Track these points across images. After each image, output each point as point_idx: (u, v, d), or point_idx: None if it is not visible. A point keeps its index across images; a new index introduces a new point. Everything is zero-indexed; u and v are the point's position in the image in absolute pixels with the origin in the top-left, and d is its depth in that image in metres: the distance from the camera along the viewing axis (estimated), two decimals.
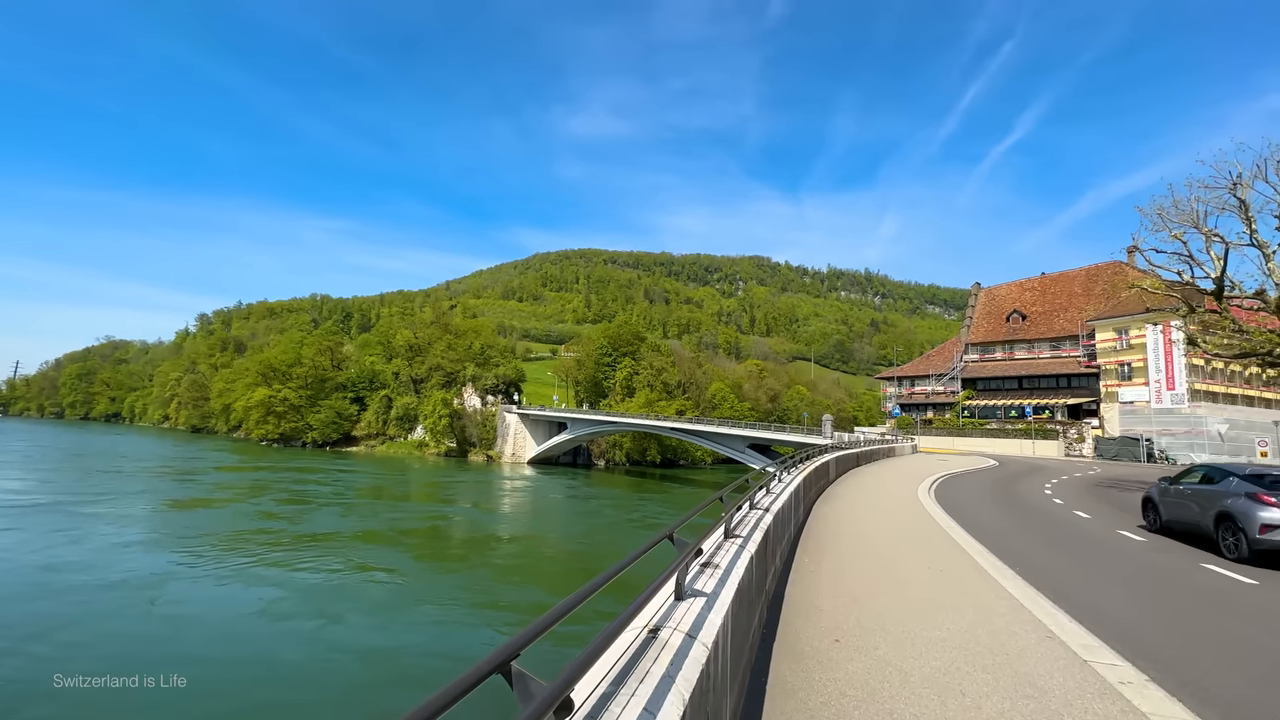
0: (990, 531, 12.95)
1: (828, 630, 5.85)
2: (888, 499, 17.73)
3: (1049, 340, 59.33)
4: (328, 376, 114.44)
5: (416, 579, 24.09)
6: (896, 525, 12.82)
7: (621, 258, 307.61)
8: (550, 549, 32.62)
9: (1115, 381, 52.58)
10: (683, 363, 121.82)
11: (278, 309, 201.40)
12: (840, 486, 20.57)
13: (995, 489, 23.13)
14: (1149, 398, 49.77)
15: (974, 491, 21.78)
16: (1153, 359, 49.69)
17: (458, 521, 40.51)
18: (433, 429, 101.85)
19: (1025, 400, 57.15)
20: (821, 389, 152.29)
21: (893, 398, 69.78)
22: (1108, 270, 59.14)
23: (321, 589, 21.52)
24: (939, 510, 15.54)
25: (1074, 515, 16.56)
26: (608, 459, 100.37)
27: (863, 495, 18.47)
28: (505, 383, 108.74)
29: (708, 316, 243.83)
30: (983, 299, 67.45)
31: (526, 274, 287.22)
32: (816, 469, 17.22)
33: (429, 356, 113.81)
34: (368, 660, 15.52)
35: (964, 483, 24.82)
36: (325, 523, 34.85)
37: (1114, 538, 13.16)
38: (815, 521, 12.74)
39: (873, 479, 24.12)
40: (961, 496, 19.80)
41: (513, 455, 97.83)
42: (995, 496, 20.64)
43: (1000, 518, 15.51)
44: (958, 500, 18.57)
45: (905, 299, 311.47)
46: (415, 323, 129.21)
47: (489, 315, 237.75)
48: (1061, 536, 13.11)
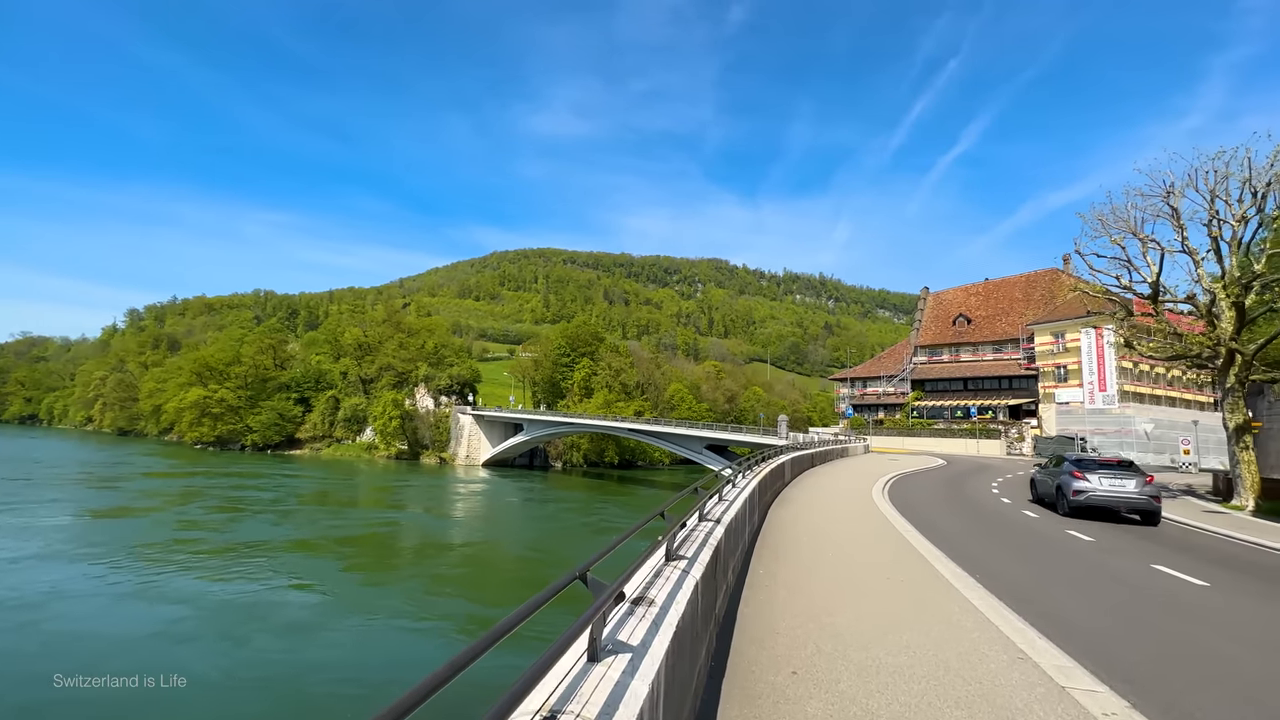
0: (945, 534, 12.68)
1: (784, 658, 5.17)
2: (843, 501, 17.43)
3: (992, 343, 61.49)
4: (270, 376, 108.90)
5: (343, 591, 22.43)
6: (853, 529, 12.40)
7: (581, 258, 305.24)
8: (497, 556, 31.33)
9: (1052, 383, 54.80)
10: (641, 364, 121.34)
11: (217, 305, 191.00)
12: (796, 489, 20.23)
13: (945, 489, 23.30)
14: (1083, 399, 52.04)
15: (925, 492, 21.83)
16: (1086, 362, 51.99)
17: (401, 528, 38.63)
18: (382, 431, 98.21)
19: (970, 401, 58.98)
20: (777, 390, 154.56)
21: (846, 398, 71.02)
22: (1045, 277, 61.73)
23: (230, 605, 19.65)
24: (894, 512, 15.28)
25: (1022, 515, 16.62)
26: (565, 460, 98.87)
27: (818, 497, 18.13)
28: (460, 383, 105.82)
29: (667, 318, 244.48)
30: (931, 303, 69.43)
31: (484, 273, 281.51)
32: (772, 471, 16.76)
33: (379, 356, 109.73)
34: (261, 688, 13.91)
35: (915, 483, 24.96)
36: (255, 531, 32.52)
37: (1064, 538, 13.11)
38: (771, 527, 12.18)
39: (828, 480, 23.96)
40: (914, 497, 19.75)
41: (467, 457, 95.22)
42: (946, 496, 20.70)
43: (953, 519, 15.37)
44: (911, 501, 18.46)
45: (857, 303, 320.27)
46: (365, 320, 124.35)
47: (444, 314, 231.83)
48: (1014, 537, 12.96)
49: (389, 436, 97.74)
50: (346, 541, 31.57)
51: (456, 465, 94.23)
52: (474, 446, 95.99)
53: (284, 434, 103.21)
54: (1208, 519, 17.13)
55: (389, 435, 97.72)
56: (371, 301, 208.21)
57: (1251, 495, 19.26)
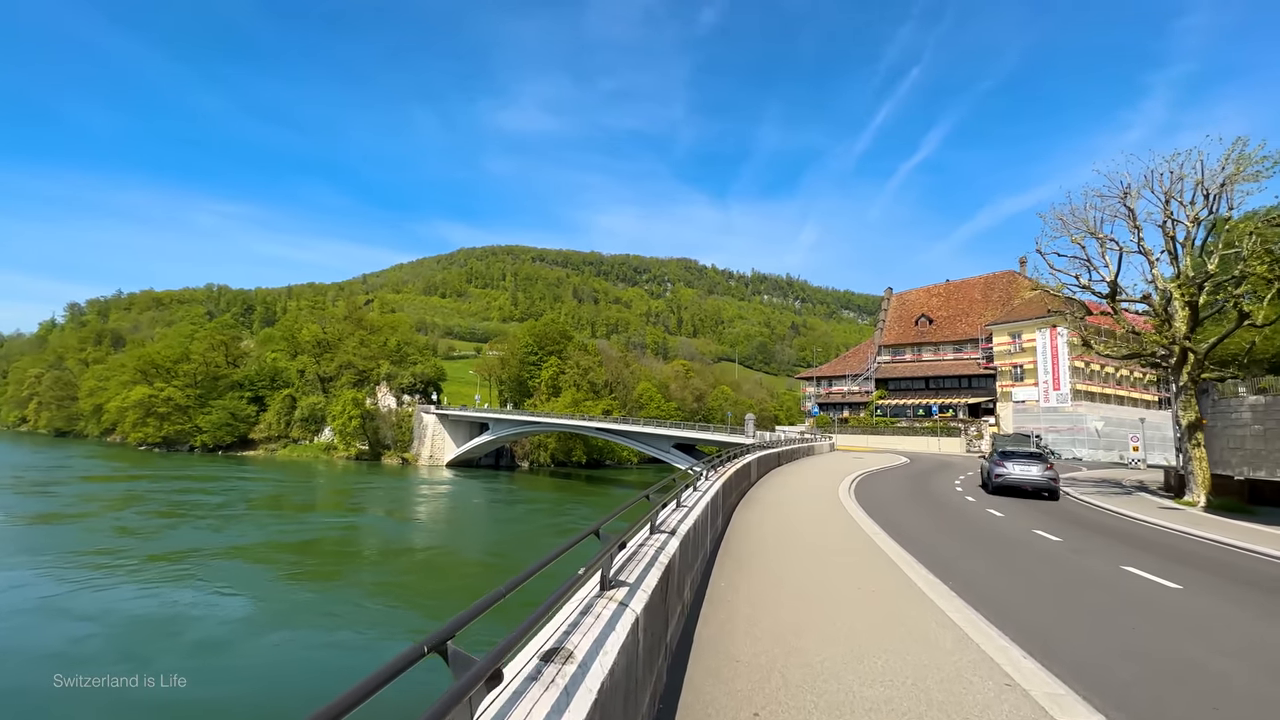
0: (914, 536, 12.24)
1: (745, 695, 4.44)
2: (810, 502, 16.95)
3: (952, 343, 62.65)
4: (221, 374, 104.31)
5: (274, 602, 20.86)
6: (821, 533, 11.84)
7: (550, 255, 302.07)
8: (449, 562, 30.07)
9: (1010, 382, 56.07)
10: (610, 362, 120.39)
11: (166, 299, 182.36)
12: (762, 489, 19.71)
13: (911, 487, 23.15)
14: (1038, 397, 53.36)
15: (891, 491, 21.60)
16: (1041, 361, 53.32)
17: (351, 531, 36.89)
18: (342, 431, 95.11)
19: (932, 400, 59.95)
20: (745, 389, 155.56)
21: (811, 397, 71.51)
22: (1003, 279, 63.23)
23: (140, 621, 17.99)
24: (861, 513, 14.83)
25: (988, 514, 16.41)
26: (532, 460, 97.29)
27: (785, 498, 17.62)
28: (423, 382, 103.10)
29: (636, 317, 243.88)
30: (894, 303, 70.45)
31: (450, 269, 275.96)
32: (737, 471, 16.16)
33: (339, 353, 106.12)
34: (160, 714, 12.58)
35: (881, 482, 24.79)
36: (192, 538, 30.49)
37: (1031, 538, 12.83)
38: (735, 532, 11.53)
39: (795, 479, 23.57)
40: (880, 496, 19.45)
41: (430, 458, 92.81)
42: (913, 495, 20.48)
43: (921, 519, 15.02)
44: (878, 500, 18.13)
45: (823, 304, 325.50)
46: (325, 317, 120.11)
47: (409, 311, 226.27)
48: (982, 539, 12.61)
49: (348, 436, 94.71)
50: (291, 548, 29.84)
51: (419, 466, 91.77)
52: (438, 446, 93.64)
53: (236, 434, 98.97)
54: (1165, 515, 17.24)
55: (348, 435, 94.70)
56: (333, 298, 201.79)
57: (1203, 491, 19.55)
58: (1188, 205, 19.43)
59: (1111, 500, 20.63)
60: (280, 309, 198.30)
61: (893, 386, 64.11)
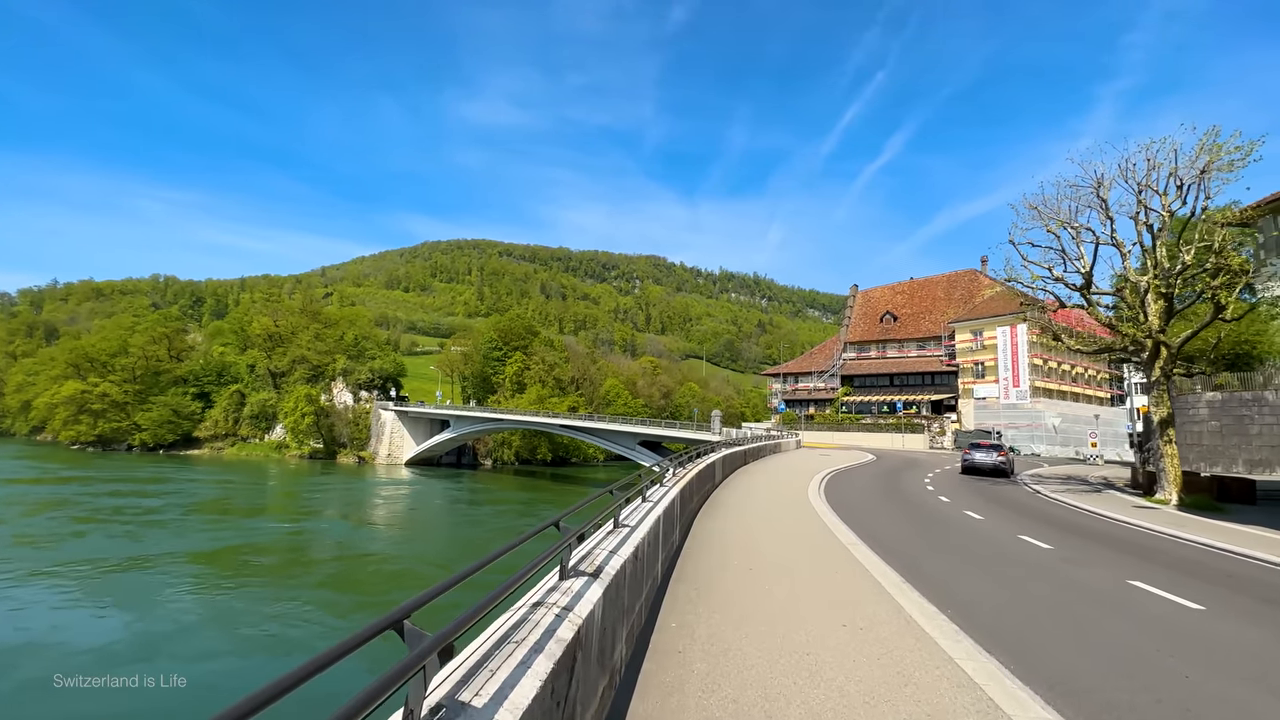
0: (897, 549, 10.88)
1: None
2: (779, 507, 15.52)
3: (916, 340, 62.79)
4: (164, 369, 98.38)
5: (177, 617, 18.42)
6: (792, 546, 10.35)
7: (517, 250, 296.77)
8: (402, 567, 27.85)
9: (971, 379, 56.35)
10: (577, 359, 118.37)
11: (107, 290, 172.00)
12: (727, 490, 18.25)
13: (883, 488, 22.07)
14: (999, 394, 53.70)
15: (863, 492, 20.43)
16: (1002, 358, 53.65)
17: (289, 536, 34.15)
18: (294, 428, 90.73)
19: (896, 396, 59.93)
20: (712, 386, 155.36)
21: (778, 394, 70.96)
22: (965, 277, 63.67)
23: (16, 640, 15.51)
24: (835, 519, 13.46)
25: (966, 517, 15.29)
26: (495, 458, 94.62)
27: (751, 503, 16.17)
28: (382, 377, 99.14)
29: (604, 313, 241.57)
30: (859, 300, 70.39)
31: (414, 263, 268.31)
32: (700, 473, 14.62)
33: (292, 347, 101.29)
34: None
35: (851, 481, 23.68)
36: (105, 547, 27.40)
37: (1019, 546, 11.64)
38: (695, 547, 9.95)
39: (761, 479, 22.22)
40: (853, 498, 18.24)
41: (388, 456, 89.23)
42: (886, 497, 19.35)
43: (899, 526, 13.74)
44: (851, 504, 16.88)
45: (789, 302, 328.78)
46: (279, 309, 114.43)
47: (370, 305, 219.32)
48: (970, 550, 11.34)
49: (301, 434, 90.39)
50: (214, 556, 27.09)
51: (376, 464, 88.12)
52: (396, 444, 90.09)
53: (179, 432, 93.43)
54: (1143, 515, 16.43)
55: (301, 433, 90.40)
56: (289, 290, 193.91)
57: (1175, 489, 18.95)
58: (1163, 195, 18.72)
59: (1083, 499, 19.90)
60: (232, 301, 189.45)
61: (858, 383, 63.94)
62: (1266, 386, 29.52)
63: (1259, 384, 29.96)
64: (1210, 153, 18.57)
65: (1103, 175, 20.80)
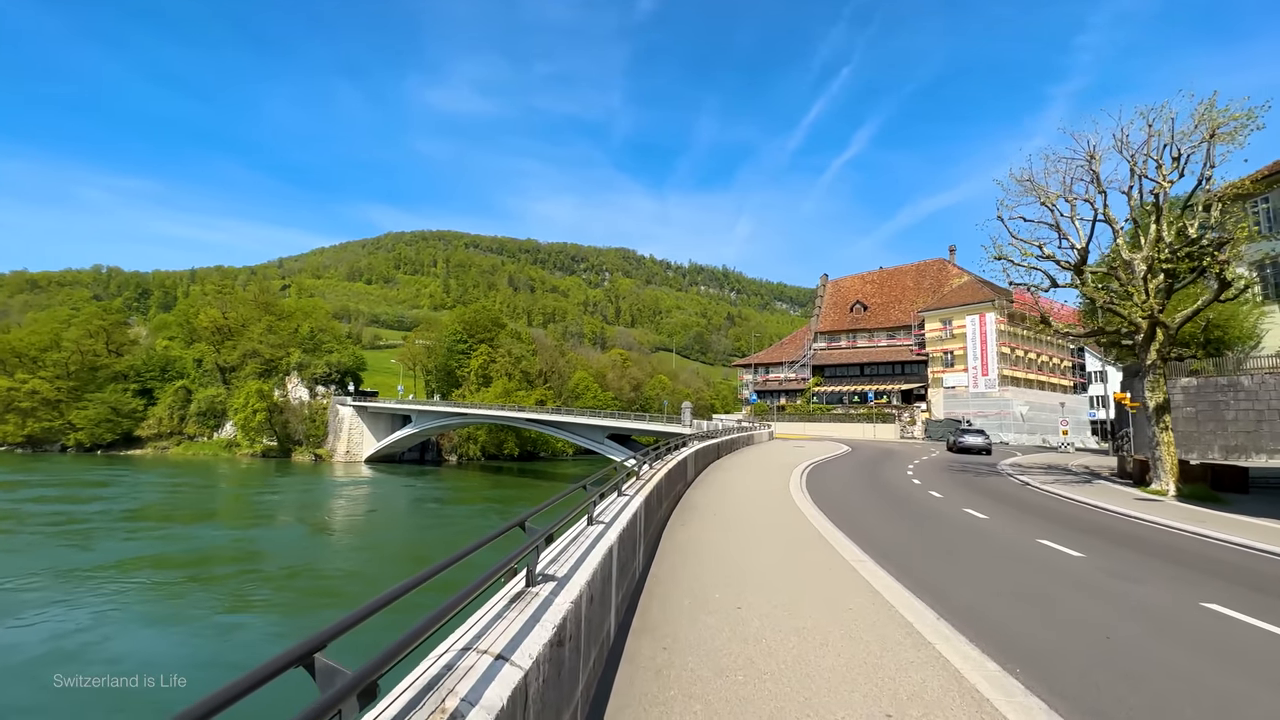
0: (907, 562, 8.99)
1: None
2: (760, 510, 13.56)
3: (886, 330, 62.10)
4: (101, 364, 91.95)
5: (88, 632, 15.57)
6: (787, 569, 8.33)
7: (484, 242, 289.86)
8: (351, 576, 25.14)
9: (940, 368, 55.84)
10: (545, 351, 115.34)
11: (43, 281, 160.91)
12: (700, 490, 16.25)
13: (868, 483, 20.40)
14: (967, 383, 53.26)
15: (849, 489, 18.70)
16: (971, 347, 53.19)
17: (225, 543, 30.92)
18: (244, 425, 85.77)
19: (866, 386, 59.12)
20: (682, 378, 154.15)
21: (749, 384, 69.63)
22: (934, 266, 63.22)
23: None
24: (827, 524, 11.55)
25: (969, 516, 13.61)
26: (460, 454, 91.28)
27: (729, 505, 14.17)
28: (340, 371, 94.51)
29: (573, 306, 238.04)
30: (830, 290, 69.42)
31: (377, 254, 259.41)
32: (671, 472, 12.55)
33: (243, 341, 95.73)
34: None
35: (832, 476, 21.98)
36: (8, 562, 23.90)
37: (1048, 555, 9.90)
38: (664, 568, 7.84)
39: (737, 475, 20.30)
40: (840, 495, 16.46)
41: (347, 454, 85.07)
42: (875, 492, 17.64)
43: (898, 527, 11.94)
44: (838, 501, 15.08)
45: (757, 295, 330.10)
46: (230, 300, 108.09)
47: (331, 297, 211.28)
48: (994, 561, 9.53)
49: (252, 432, 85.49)
50: (128, 565, 23.87)
51: (334, 462, 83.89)
52: (355, 441, 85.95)
53: (119, 432, 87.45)
54: (1154, 510, 15.05)
55: (252, 430, 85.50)
56: (243, 282, 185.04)
57: (1172, 479, 17.76)
58: (1161, 164, 17.36)
59: (1077, 490, 18.59)
60: (181, 294, 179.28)
61: (829, 373, 62.96)
62: (1240, 372, 29.29)
63: (1231, 369, 29.71)
64: (1209, 120, 17.29)
65: (1095, 147, 19.43)
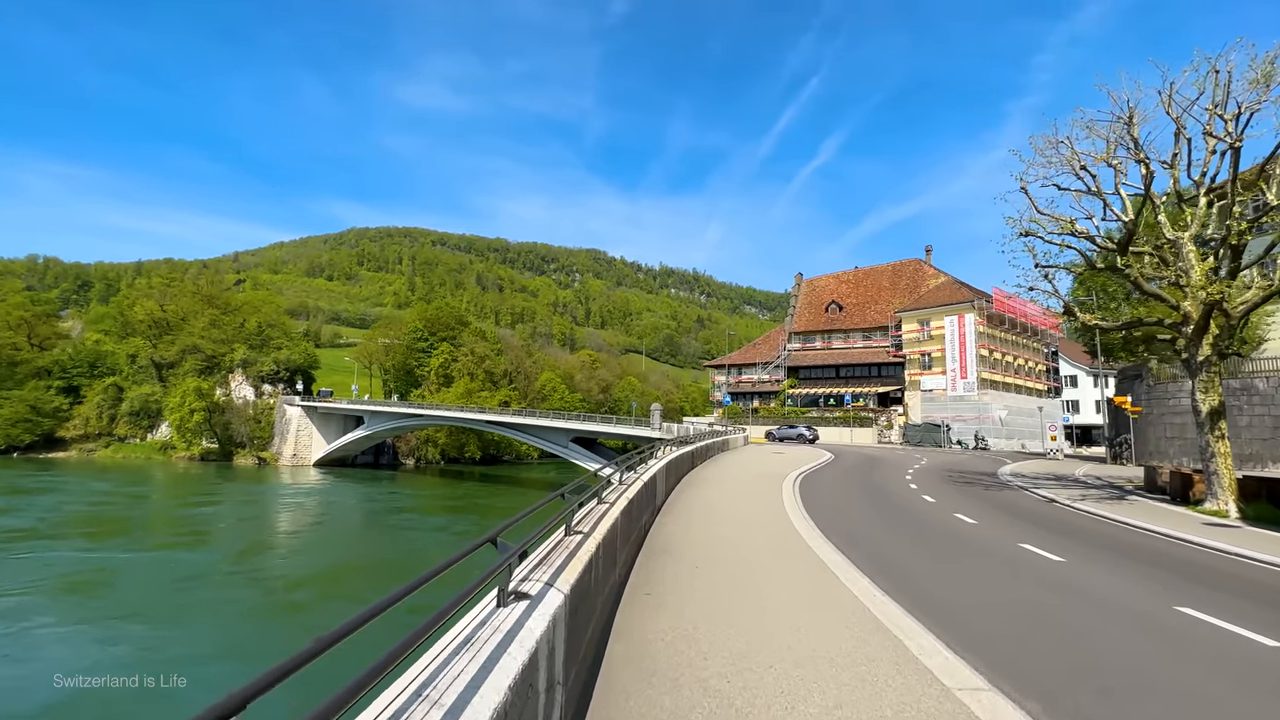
0: (974, 632, 5.36)
1: None
2: (760, 550, 9.82)
3: (862, 330, 59.63)
4: (22, 358, 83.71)
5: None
6: (801, 648, 4.60)
7: (452, 240, 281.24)
8: (277, 608, 20.49)
9: (918, 370, 53.51)
10: (511, 351, 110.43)
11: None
12: (673, 517, 12.47)
13: (869, 498, 16.93)
14: (946, 386, 51.00)
15: (854, 508, 15.17)
16: (950, 349, 50.97)
17: (128, 564, 25.78)
18: (181, 426, 78.77)
19: (842, 389, 56.47)
20: (652, 381, 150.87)
21: (721, 386, 66.40)
22: (910, 266, 61.13)
23: None
24: (849, 569, 7.90)
25: (1038, 558, 10.18)
26: (419, 457, 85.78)
27: (715, 542, 10.42)
28: (289, 369, 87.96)
29: (543, 306, 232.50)
30: (805, 289, 66.78)
31: (340, 250, 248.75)
32: (636, 498, 8.74)
33: (182, 335, 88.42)
34: None
35: (828, 489, 18.48)
36: None
37: (1180, 621, 6.44)
38: (619, 655, 4.00)
39: (716, 493, 16.60)
40: (847, 520, 12.90)
41: (294, 457, 78.75)
42: (883, 513, 14.13)
43: (932, 566, 8.39)
44: (846, 528, 11.51)
45: (727, 299, 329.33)
46: (171, 293, 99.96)
47: (289, 293, 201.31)
48: (1093, 625, 5.99)
49: (190, 433, 78.59)
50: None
51: (280, 466, 77.53)
52: (303, 443, 79.66)
53: (39, 432, 79.49)
54: (1227, 537, 11.90)
55: (189, 431, 78.66)
56: (193, 275, 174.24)
57: (1232, 498, 14.78)
58: (1229, 121, 14.40)
59: (1119, 509, 15.46)
60: (126, 286, 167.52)
61: (803, 375, 60.15)
62: (1255, 374, 27.02)
63: (1246, 371, 27.45)
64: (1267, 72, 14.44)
65: (1134, 106, 16.46)
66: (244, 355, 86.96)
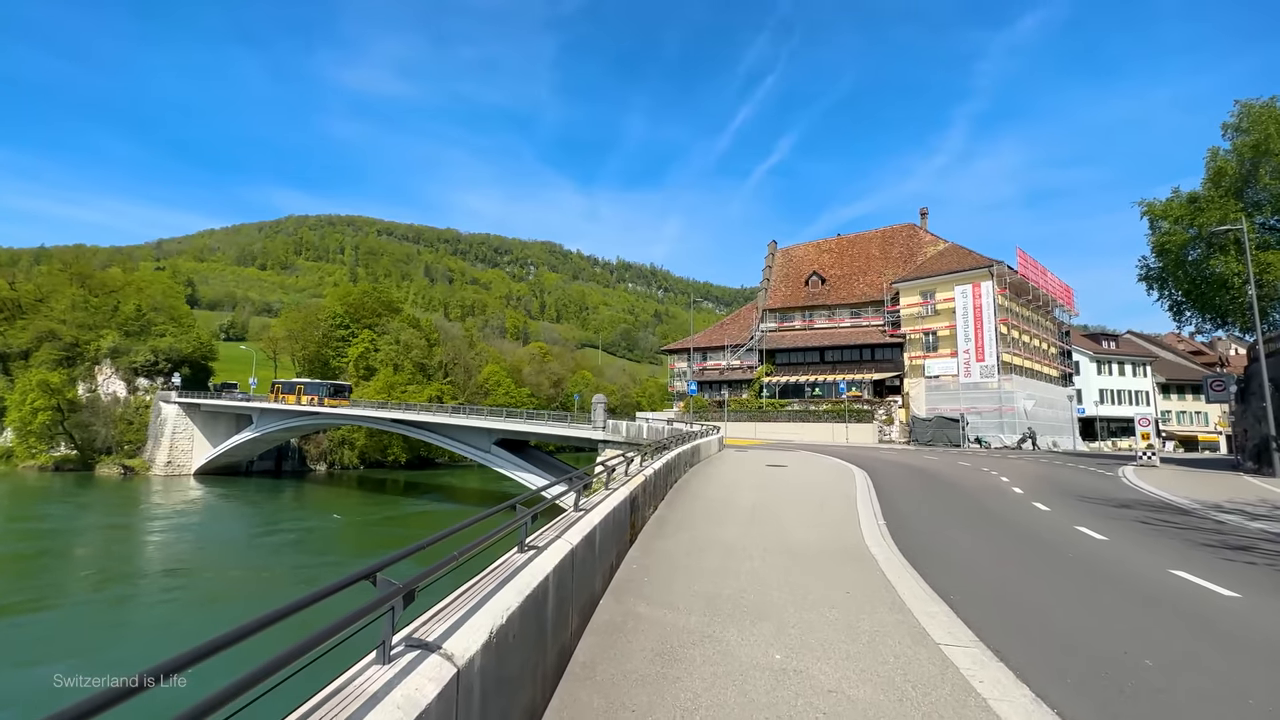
0: None
1: None
2: None
3: (850, 306, 49.15)
4: None
5: None
6: None
7: (399, 229, 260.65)
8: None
9: (921, 352, 43.28)
10: (451, 341, 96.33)
11: None
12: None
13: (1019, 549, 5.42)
14: (957, 370, 40.88)
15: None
16: (962, 327, 40.87)
17: None
18: (24, 428, 62.13)
19: (829, 375, 45.77)
20: (608, 375, 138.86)
21: (684, 374, 54.70)
22: (903, 233, 51.09)
23: None
24: None
25: None
26: (332, 461, 71.16)
27: None
28: (173, 360, 71.55)
29: (496, 299, 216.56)
30: (780, 260, 55.97)
31: (276, 238, 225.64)
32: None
33: (37, 319, 70.78)
34: None
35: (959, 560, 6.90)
36: None
37: None
38: None
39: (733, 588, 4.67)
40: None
41: (169, 464, 62.88)
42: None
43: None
44: None
45: (684, 294, 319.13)
46: (33, 271, 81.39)
47: (215, 283, 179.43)
48: None
49: (33, 437, 61.98)
50: None
51: (152, 476, 61.66)
52: (182, 448, 63.85)
53: None
54: None
55: (34, 435, 62.01)
56: (103, 263, 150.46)
57: None
58: None
59: None
60: (21, 273, 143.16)
61: (781, 359, 49.21)
62: None
63: None
64: None
65: None
66: (114, 343, 70.05)
